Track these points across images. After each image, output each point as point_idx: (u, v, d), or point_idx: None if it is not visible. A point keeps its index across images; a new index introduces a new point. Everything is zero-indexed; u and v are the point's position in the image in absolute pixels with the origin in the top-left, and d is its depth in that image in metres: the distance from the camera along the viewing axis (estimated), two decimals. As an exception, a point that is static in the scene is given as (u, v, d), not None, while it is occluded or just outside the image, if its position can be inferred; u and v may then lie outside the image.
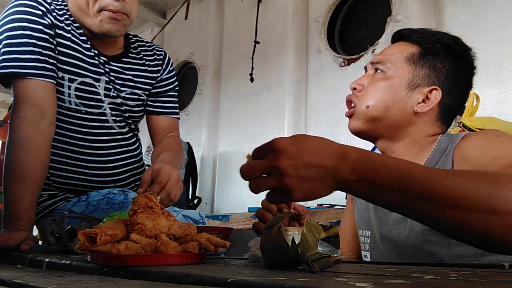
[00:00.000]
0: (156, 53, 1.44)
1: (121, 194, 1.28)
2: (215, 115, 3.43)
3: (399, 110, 0.94)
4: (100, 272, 0.59)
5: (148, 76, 1.39)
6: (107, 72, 1.29)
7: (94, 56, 1.27)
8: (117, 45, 1.34)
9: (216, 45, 3.55)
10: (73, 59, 1.23)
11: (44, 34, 1.17)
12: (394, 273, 0.49)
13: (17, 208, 1.06)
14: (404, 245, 0.88)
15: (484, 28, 2.12)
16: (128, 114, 1.35)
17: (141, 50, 1.41)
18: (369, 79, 0.98)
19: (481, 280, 0.42)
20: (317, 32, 2.87)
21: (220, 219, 2.56)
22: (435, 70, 0.96)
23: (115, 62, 1.32)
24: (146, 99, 1.40)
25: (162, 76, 1.43)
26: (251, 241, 0.71)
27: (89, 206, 1.26)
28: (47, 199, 1.29)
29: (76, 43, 1.24)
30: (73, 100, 1.24)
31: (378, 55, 1.02)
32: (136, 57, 1.38)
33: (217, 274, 0.48)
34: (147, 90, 1.39)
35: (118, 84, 1.31)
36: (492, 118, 1.61)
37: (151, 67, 1.40)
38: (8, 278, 0.55)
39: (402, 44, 1.00)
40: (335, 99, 2.63)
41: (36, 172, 1.11)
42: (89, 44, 1.26)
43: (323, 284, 0.40)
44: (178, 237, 0.68)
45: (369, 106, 0.94)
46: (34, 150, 1.12)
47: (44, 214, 1.28)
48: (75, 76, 1.23)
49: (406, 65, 0.96)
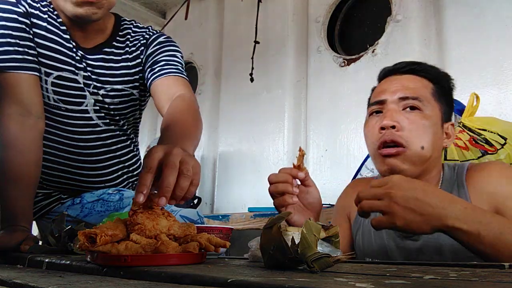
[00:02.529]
0: (143, 35, 1.25)
1: (116, 194, 1.25)
2: (215, 115, 3.43)
3: (438, 149, 0.97)
4: (100, 272, 0.59)
5: (132, 65, 1.22)
6: (84, 67, 1.18)
7: (73, 48, 1.16)
8: (101, 35, 1.20)
9: (216, 45, 3.55)
10: (48, 51, 1.13)
11: (19, 24, 1.09)
12: (394, 273, 0.49)
13: (14, 209, 1.06)
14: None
15: (484, 28, 2.12)
16: (112, 112, 1.24)
17: (127, 35, 1.24)
18: (403, 116, 0.94)
19: (481, 280, 0.42)
20: (317, 32, 2.86)
21: (220, 219, 2.56)
22: (447, 105, 1.00)
23: (95, 54, 1.19)
24: (133, 92, 1.24)
25: (148, 52, 1.22)
26: (251, 241, 0.71)
27: (83, 209, 1.23)
28: (43, 198, 1.27)
29: (53, 32, 1.14)
30: (51, 95, 1.16)
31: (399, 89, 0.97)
32: (120, 46, 1.22)
33: (217, 274, 0.47)
34: (131, 83, 1.23)
35: (96, 80, 1.19)
36: (492, 118, 1.61)
37: (135, 52, 1.23)
38: (8, 278, 0.55)
39: (417, 78, 0.99)
40: (335, 99, 2.63)
41: (29, 171, 1.09)
42: (68, 35, 1.16)
43: (323, 284, 0.40)
44: (178, 237, 0.67)
45: (424, 147, 0.92)
46: (23, 149, 1.08)
47: (41, 215, 1.27)
48: (51, 69, 1.14)
49: (435, 102, 0.97)
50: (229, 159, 3.27)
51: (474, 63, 2.12)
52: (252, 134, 3.12)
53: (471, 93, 1.62)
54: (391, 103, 0.96)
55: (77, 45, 1.18)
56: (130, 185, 1.37)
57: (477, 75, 2.11)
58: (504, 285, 0.38)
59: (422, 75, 0.99)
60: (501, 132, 1.49)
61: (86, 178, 1.27)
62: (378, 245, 1.00)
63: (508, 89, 2.02)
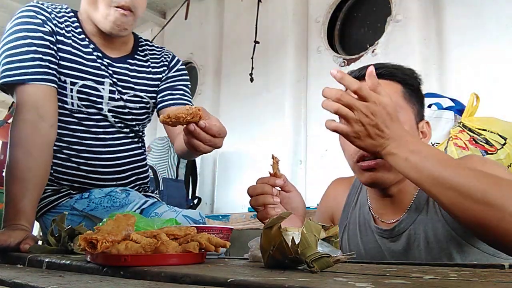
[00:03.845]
0: (164, 56, 1.45)
1: (123, 193, 1.30)
2: (215, 115, 3.39)
3: None
4: (100, 272, 0.59)
5: (152, 78, 1.40)
6: (110, 74, 1.30)
7: (97, 59, 1.29)
8: (125, 47, 1.37)
9: (216, 45, 3.55)
10: (73, 63, 1.25)
11: (44, 41, 1.20)
12: (394, 273, 0.49)
13: (17, 208, 1.07)
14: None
15: (484, 28, 2.12)
16: (131, 116, 1.36)
17: (149, 53, 1.43)
18: None
19: (481, 280, 0.42)
20: (317, 32, 2.87)
21: (220, 219, 2.56)
22: (418, 104, 0.98)
23: (120, 63, 1.34)
24: (150, 102, 1.40)
25: (168, 74, 1.43)
26: (251, 241, 0.71)
27: (90, 204, 1.27)
28: (51, 194, 1.30)
29: (76, 47, 1.27)
30: (75, 102, 1.27)
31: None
32: (142, 59, 1.40)
33: (217, 274, 0.47)
34: (150, 93, 1.39)
35: (121, 86, 1.32)
36: (492, 118, 1.61)
37: (156, 68, 1.41)
38: (8, 278, 0.55)
39: (385, 82, 0.95)
40: (335, 99, 2.63)
41: (37, 174, 1.12)
42: (91, 47, 1.29)
43: (323, 284, 0.40)
44: (178, 237, 0.67)
45: None
46: (34, 152, 1.12)
47: (47, 210, 1.30)
48: (76, 79, 1.25)
49: (406, 105, 0.94)
50: (229, 159, 3.27)
51: (474, 63, 2.12)
52: (252, 134, 3.12)
53: (471, 93, 1.62)
54: None
55: (103, 55, 1.31)
56: (138, 187, 1.42)
57: (477, 75, 2.11)
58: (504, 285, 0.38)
59: (390, 78, 0.96)
60: (501, 132, 1.49)
61: (98, 176, 1.32)
62: (365, 248, 1.01)
63: (508, 89, 2.02)
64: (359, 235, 1.02)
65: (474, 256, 0.85)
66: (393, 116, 0.77)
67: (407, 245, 0.92)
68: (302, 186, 2.75)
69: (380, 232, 0.97)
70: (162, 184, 2.87)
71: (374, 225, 0.99)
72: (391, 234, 0.95)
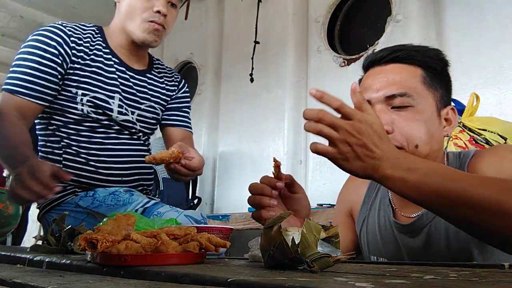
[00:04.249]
0: (174, 76, 1.61)
1: (127, 193, 1.33)
2: (215, 115, 3.42)
3: (437, 141, 0.90)
4: (100, 271, 0.59)
5: (165, 93, 1.54)
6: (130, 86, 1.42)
7: (116, 71, 1.39)
8: (144, 61, 1.50)
9: (216, 45, 3.55)
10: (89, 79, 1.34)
11: (50, 62, 1.29)
12: (394, 273, 0.49)
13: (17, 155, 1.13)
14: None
15: (484, 28, 2.12)
16: (139, 124, 1.45)
17: (161, 70, 1.57)
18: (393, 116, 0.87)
19: (481, 280, 0.42)
20: (317, 32, 2.86)
21: (220, 219, 2.56)
22: (442, 88, 0.92)
23: (141, 75, 1.47)
24: (160, 113, 1.53)
25: (177, 94, 1.58)
26: (251, 241, 0.71)
27: (94, 201, 1.30)
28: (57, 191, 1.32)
29: (97, 60, 1.37)
30: (85, 108, 1.34)
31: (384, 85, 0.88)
32: (157, 75, 1.54)
33: (217, 274, 0.48)
34: (162, 106, 1.53)
35: (139, 97, 1.43)
36: (492, 118, 1.61)
37: (169, 86, 1.56)
38: (8, 278, 0.55)
39: (403, 67, 0.90)
40: (335, 99, 2.63)
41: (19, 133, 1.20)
42: (113, 61, 1.40)
43: (323, 284, 0.40)
44: (178, 237, 0.68)
45: (418, 146, 0.86)
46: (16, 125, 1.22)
47: (51, 208, 1.32)
48: (88, 91, 1.34)
49: (426, 91, 0.88)
50: (229, 159, 3.27)
51: (474, 63, 2.12)
52: (252, 134, 3.12)
53: (471, 93, 1.62)
54: (377, 103, 0.88)
55: (126, 67, 1.43)
56: (141, 188, 1.46)
57: (477, 75, 2.11)
58: (504, 285, 0.38)
59: (409, 62, 0.90)
60: (501, 132, 1.49)
61: (104, 177, 1.36)
62: (384, 243, 0.98)
63: (508, 89, 2.02)
64: (377, 229, 0.99)
65: (497, 256, 0.82)
66: (382, 135, 0.70)
67: (426, 241, 0.89)
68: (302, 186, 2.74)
69: (399, 227, 0.93)
70: (162, 184, 2.87)
71: (394, 219, 0.95)
72: (411, 230, 0.91)
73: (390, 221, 0.97)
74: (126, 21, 1.38)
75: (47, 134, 1.38)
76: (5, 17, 3.68)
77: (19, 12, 3.60)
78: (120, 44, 1.42)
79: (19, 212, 2.55)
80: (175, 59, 3.80)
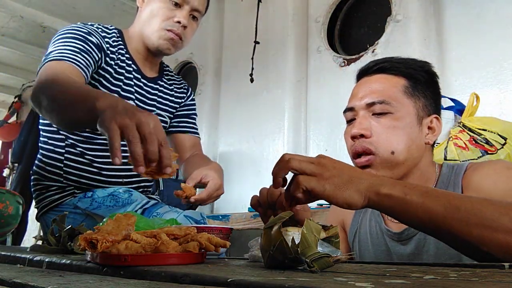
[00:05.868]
0: (183, 84, 1.62)
1: (126, 193, 1.33)
2: (215, 115, 3.42)
3: (417, 148, 0.92)
4: (100, 271, 0.59)
5: (174, 100, 1.54)
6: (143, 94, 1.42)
7: (133, 78, 1.39)
8: (156, 68, 1.50)
9: (216, 45, 3.55)
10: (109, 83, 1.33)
11: (91, 43, 1.26)
12: (394, 273, 0.49)
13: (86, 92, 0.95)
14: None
15: (484, 27, 2.12)
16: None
17: (171, 78, 1.57)
18: (373, 122, 0.91)
19: (481, 280, 0.42)
20: (317, 32, 2.86)
21: (220, 219, 2.56)
22: (426, 98, 0.95)
23: (153, 83, 1.47)
24: (168, 121, 1.53)
25: (186, 102, 1.59)
26: (251, 241, 0.71)
27: (93, 203, 1.30)
28: (55, 193, 1.33)
29: (119, 65, 1.36)
30: None
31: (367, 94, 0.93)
32: (167, 82, 1.54)
33: (217, 274, 0.48)
34: (170, 113, 1.54)
35: (149, 105, 1.43)
36: (492, 118, 1.61)
37: (178, 93, 1.57)
38: (8, 278, 0.55)
39: (387, 77, 0.94)
40: (335, 99, 2.63)
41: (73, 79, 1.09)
42: (132, 67, 1.39)
43: (323, 284, 0.40)
44: (178, 237, 0.68)
45: (394, 152, 0.89)
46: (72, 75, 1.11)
47: (49, 209, 1.32)
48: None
49: (407, 99, 0.92)
50: (229, 159, 3.27)
51: (474, 63, 2.12)
52: (252, 134, 3.12)
53: (471, 93, 1.62)
54: (360, 109, 0.94)
55: (141, 75, 1.42)
56: (141, 189, 1.47)
57: (477, 75, 2.11)
58: (504, 285, 0.38)
59: (393, 73, 0.94)
60: (501, 132, 1.49)
61: (106, 179, 1.36)
62: (375, 251, 1.00)
63: (508, 89, 2.02)
64: (369, 238, 1.01)
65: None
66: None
67: (416, 249, 0.90)
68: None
69: (391, 234, 0.96)
70: (162, 184, 2.87)
71: (385, 227, 0.98)
72: (401, 237, 0.93)
73: (382, 229, 0.99)
74: (145, 27, 1.38)
75: (51, 131, 1.36)
76: (5, 17, 3.68)
77: (19, 12, 3.60)
78: (137, 49, 1.42)
79: (19, 212, 2.55)
80: (175, 59, 3.80)
